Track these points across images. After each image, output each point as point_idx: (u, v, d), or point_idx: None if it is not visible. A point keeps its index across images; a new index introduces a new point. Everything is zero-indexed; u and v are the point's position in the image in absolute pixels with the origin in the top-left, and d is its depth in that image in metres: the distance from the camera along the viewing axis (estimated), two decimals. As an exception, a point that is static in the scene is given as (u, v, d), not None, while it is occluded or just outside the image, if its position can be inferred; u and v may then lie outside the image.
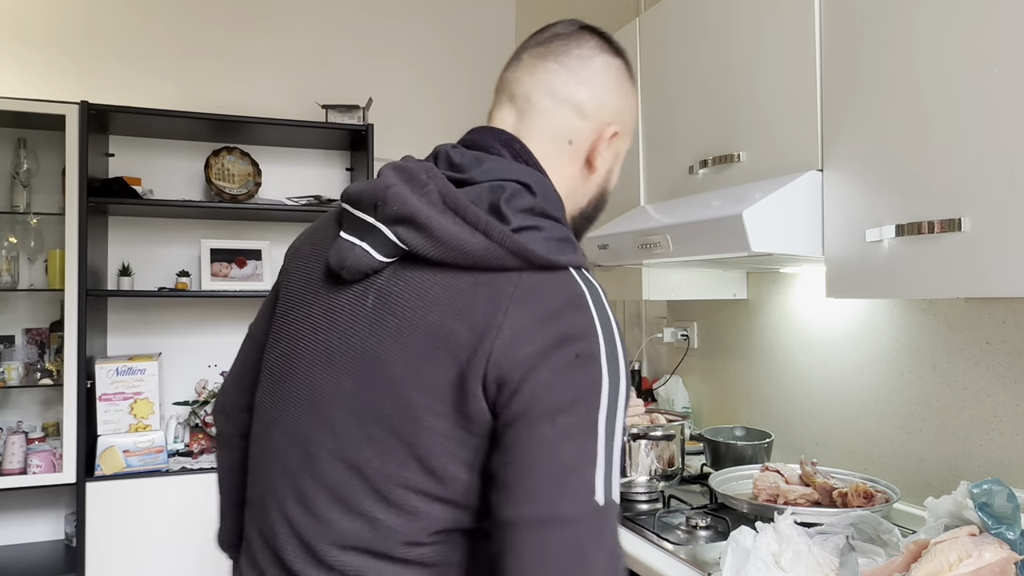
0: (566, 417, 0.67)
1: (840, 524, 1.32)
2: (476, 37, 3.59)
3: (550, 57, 0.85)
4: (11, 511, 2.71)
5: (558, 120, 0.85)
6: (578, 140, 0.86)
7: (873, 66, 1.25)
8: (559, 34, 0.86)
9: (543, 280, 0.72)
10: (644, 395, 2.41)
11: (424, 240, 0.73)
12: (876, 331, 1.69)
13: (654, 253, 1.58)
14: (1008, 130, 1.04)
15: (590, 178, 0.88)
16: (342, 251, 0.78)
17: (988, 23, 1.06)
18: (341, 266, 0.78)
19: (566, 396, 0.67)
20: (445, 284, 0.73)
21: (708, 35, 1.66)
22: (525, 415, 0.67)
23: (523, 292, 0.70)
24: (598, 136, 0.86)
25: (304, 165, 3.20)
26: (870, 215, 1.26)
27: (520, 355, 0.68)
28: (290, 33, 3.23)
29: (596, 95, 0.85)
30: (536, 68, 0.85)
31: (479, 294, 0.71)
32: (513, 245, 0.71)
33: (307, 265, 0.86)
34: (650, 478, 1.69)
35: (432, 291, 0.73)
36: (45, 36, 2.88)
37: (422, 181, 0.75)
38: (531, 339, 0.68)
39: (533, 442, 0.67)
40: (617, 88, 0.87)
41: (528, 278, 0.71)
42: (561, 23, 0.88)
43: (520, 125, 0.85)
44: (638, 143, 1.95)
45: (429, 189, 0.75)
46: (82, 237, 2.48)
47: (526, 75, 0.86)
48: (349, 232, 0.78)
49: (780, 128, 1.46)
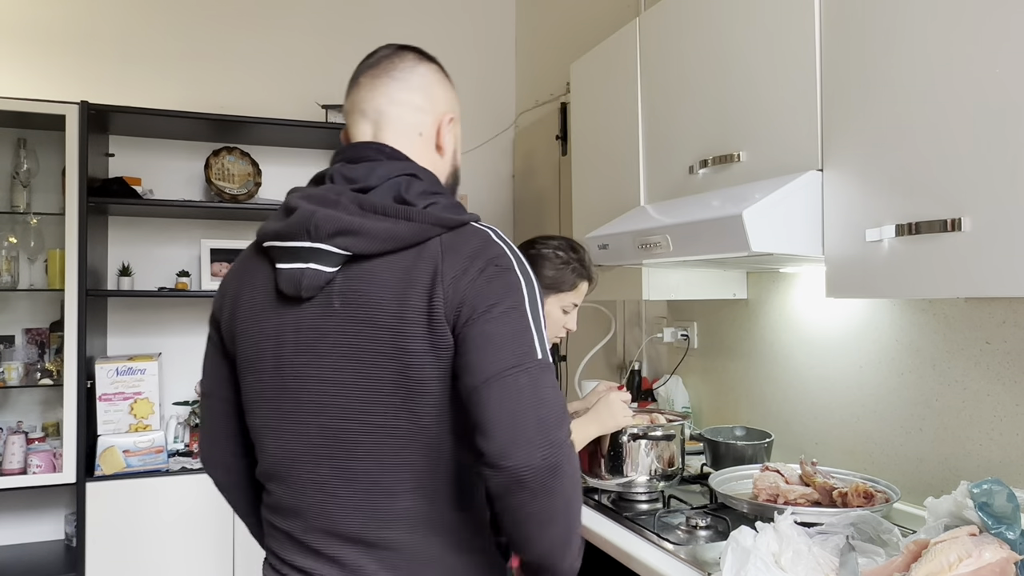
0: (500, 307, 0.91)
1: (840, 524, 1.32)
2: (476, 37, 3.59)
3: (383, 75, 1.06)
4: (11, 511, 2.71)
5: (405, 120, 1.05)
6: (426, 131, 1.07)
7: (873, 66, 1.25)
8: (384, 56, 1.08)
9: (458, 235, 0.95)
10: (644, 395, 2.41)
11: (363, 242, 0.93)
12: (876, 331, 1.69)
13: (654, 253, 1.58)
14: (1008, 130, 1.04)
15: (442, 159, 1.10)
16: (293, 277, 0.95)
17: (988, 23, 1.06)
18: (298, 290, 0.95)
19: (497, 296, 0.91)
20: (389, 266, 0.93)
21: (708, 35, 1.66)
22: (473, 317, 0.90)
23: (448, 247, 0.94)
24: (439, 124, 1.08)
25: (304, 165, 3.20)
26: (870, 215, 1.26)
27: (462, 285, 0.91)
28: (290, 33, 3.23)
29: (427, 94, 1.07)
30: (376, 86, 1.06)
31: (419, 263, 0.92)
32: (430, 218, 0.94)
33: (252, 302, 1.02)
34: (650, 478, 1.69)
35: (383, 275, 0.93)
36: (45, 36, 2.88)
37: (334, 200, 0.94)
38: (465, 272, 0.92)
39: (485, 329, 0.89)
40: (440, 85, 1.10)
41: (448, 237, 0.95)
42: (382, 49, 1.10)
43: (379, 133, 1.05)
44: (638, 143, 1.95)
45: (344, 204, 0.94)
46: (82, 237, 2.48)
47: (369, 93, 1.06)
48: (287, 262, 0.96)
49: (780, 128, 1.46)
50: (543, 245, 1.57)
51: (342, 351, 0.94)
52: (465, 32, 3.56)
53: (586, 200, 2.24)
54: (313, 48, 3.26)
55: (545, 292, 1.54)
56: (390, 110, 1.05)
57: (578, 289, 1.57)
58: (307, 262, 0.94)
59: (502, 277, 0.93)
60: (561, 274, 1.54)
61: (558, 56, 3.15)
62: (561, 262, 1.54)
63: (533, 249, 1.56)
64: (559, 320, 1.56)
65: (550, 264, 1.54)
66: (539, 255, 1.55)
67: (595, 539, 1.60)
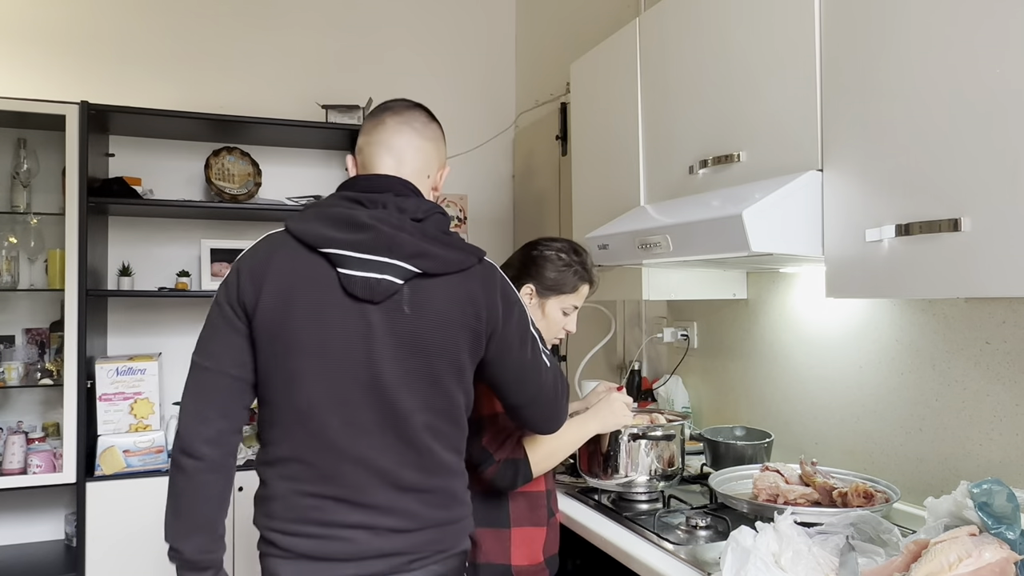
0: (527, 337, 1.30)
1: (840, 524, 1.32)
2: (476, 37, 3.59)
3: (406, 124, 1.30)
4: (11, 511, 2.71)
5: (420, 163, 1.30)
6: (432, 174, 1.34)
7: (873, 66, 1.25)
8: (406, 108, 1.32)
9: (485, 266, 1.27)
10: (644, 395, 2.41)
11: (432, 263, 1.20)
12: (876, 331, 1.69)
13: (654, 253, 1.58)
14: (1008, 130, 1.04)
15: (436, 198, 1.36)
16: (368, 284, 1.16)
17: (988, 23, 1.06)
18: (372, 295, 1.17)
19: (522, 328, 1.29)
20: (446, 284, 1.22)
21: (708, 35, 1.66)
22: (508, 345, 1.27)
23: (482, 276, 1.25)
24: (441, 170, 1.37)
25: (304, 165, 3.20)
26: (870, 215, 1.26)
27: (496, 315, 1.25)
28: (290, 33, 3.23)
29: (436, 146, 1.34)
30: (401, 131, 1.29)
31: (466, 283, 1.23)
32: (471, 250, 1.26)
33: (313, 298, 1.18)
34: (650, 478, 1.69)
35: (442, 291, 1.21)
36: (45, 36, 2.88)
37: (408, 228, 1.20)
38: (497, 304, 1.25)
39: (518, 356, 1.28)
40: (442, 141, 1.37)
41: (479, 267, 1.26)
42: (401, 101, 1.33)
43: (401, 168, 1.28)
44: (638, 143, 1.95)
45: (409, 230, 1.19)
46: (82, 237, 2.48)
47: (394, 136, 1.28)
48: (356, 269, 1.17)
49: (780, 128, 1.46)
50: (546, 247, 1.57)
51: (409, 346, 1.19)
52: (465, 32, 3.56)
53: (586, 200, 2.24)
54: (313, 48, 3.27)
55: (546, 293, 1.54)
56: (409, 152, 1.29)
57: (579, 291, 1.57)
58: (382, 273, 1.16)
59: (520, 311, 1.30)
60: (563, 276, 1.54)
61: (558, 56, 3.15)
62: (563, 264, 1.54)
63: (536, 251, 1.57)
64: (559, 321, 1.57)
65: (552, 266, 1.54)
66: (541, 256, 1.55)
67: (595, 539, 1.60)
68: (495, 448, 1.40)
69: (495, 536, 1.45)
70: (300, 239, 1.19)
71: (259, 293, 1.17)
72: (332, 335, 1.17)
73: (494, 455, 1.39)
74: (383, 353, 1.18)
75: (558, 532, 1.57)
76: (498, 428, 1.41)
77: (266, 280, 1.18)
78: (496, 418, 1.42)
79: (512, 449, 1.41)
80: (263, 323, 1.18)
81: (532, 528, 1.48)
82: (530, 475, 1.42)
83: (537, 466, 1.42)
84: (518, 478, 1.41)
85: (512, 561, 1.45)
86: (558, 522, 1.58)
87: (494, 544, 1.44)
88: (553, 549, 1.54)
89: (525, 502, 1.48)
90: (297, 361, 1.17)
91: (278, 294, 1.17)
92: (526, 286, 1.54)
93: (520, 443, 1.42)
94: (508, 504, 1.47)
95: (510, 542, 1.45)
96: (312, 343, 1.17)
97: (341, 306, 1.17)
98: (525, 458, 1.41)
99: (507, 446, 1.40)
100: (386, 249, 1.17)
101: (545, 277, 1.54)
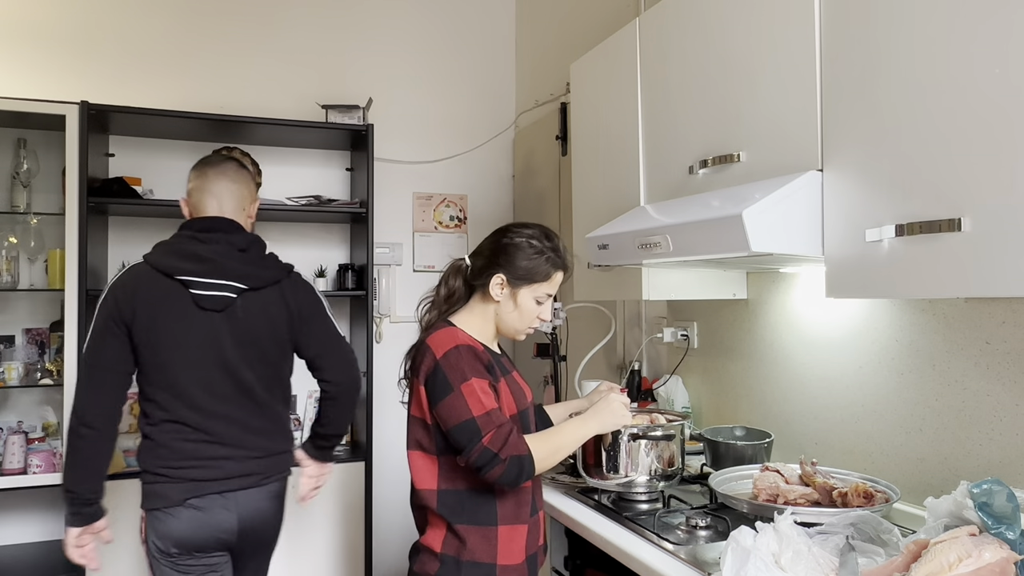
0: (324, 317, 1.92)
1: (840, 524, 1.32)
2: (476, 37, 3.59)
3: (223, 174, 1.85)
4: (11, 511, 2.71)
5: (236, 203, 1.86)
6: (247, 207, 1.90)
7: (873, 66, 1.25)
8: (223, 160, 1.91)
9: (292, 277, 1.90)
10: (644, 395, 2.41)
11: (255, 281, 1.80)
12: (876, 331, 1.69)
13: (654, 253, 1.58)
14: (1008, 130, 1.04)
15: (251, 224, 1.92)
16: (213, 299, 1.75)
17: (988, 23, 1.06)
18: (215, 306, 1.75)
19: (320, 313, 1.91)
20: (265, 293, 1.83)
21: (708, 35, 1.66)
22: (311, 326, 1.90)
23: (291, 284, 1.88)
24: (253, 204, 1.93)
25: (304, 165, 3.21)
26: (870, 215, 1.26)
27: (301, 308, 1.88)
28: (290, 33, 3.23)
29: (248, 187, 1.90)
30: (219, 179, 1.84)
31: (279, 291, 1.85)
32: (283, 267, 1.89)
33: (174, 310, 1.73)
34: (650, 478, 1.69)
35: (263, 298, 1.82)
36: (45, 36, 2.88)
37: (235, 257, 1.79)
38: (301, 301, 1.88)
39: (320, 328, 1.91)
40: (252, 182, 1.93)
41: (288, 279, 1.88)
42: (216, 156, 1.97)
43: (223, 208, 1.83)
44: (638, 143, 1.95)
45: (240, 259, 1.79)
46: (82, 237, 2.48)
47: (215, 184, 1.83)
48: (204, 290, 1.74)
49: (780, 128, 1.46)
50: (516, 234, 1.50)
51: (246, 337, 1.79)
52: (465, 32, 3.56)
53: (586, 200, 2.25)
54: (313, 48, 3.27)
55: (517, 283, 1.48)
56: (227, 196, 1.83)
57: (552, 279, 1.51)
58: (221, 291, 1.75)
59: (313, 294, 1.92)
60: (534, 264, 1.47)
61: (558, 56, 3.15)
62: (535, 252, 1.48)
63: (506, 238, 1.51)
64: (532, 311, 1.51)
65: (523, 255, 1.48)
66: (512, 244, 1.49)
67: (595, 539, 1.60)
68: (499, 447, 1.34)
69: (481, 534, 1.42)
70: (159, 270, 1.74)
71: (134, 310, 1.71)
72: (191, 335, 1.74)
73: (499, 453, 1.34)
74: (227, 344, 1.76)
75: (540, 529, 1.53)
76: (494, 425, 1.36)
77: (137, 300, 1.72)
78: (489, 416, 1.36)
79: (516, 446, 1.36)
80: (140, 330, 1.72)
81: (517, 526, 1.46)
82: (533, 471, 1.38)
83: (540, 463, 1.40)
84: (522, 475, 1.37)
85: (498, 560, 1.42)
86: (541, 519, 1.55)
87: (480, 542, 1.41)
88: (534, 547, 1.50)
89: (513, 499, 1.46)
90: (168, 354, 1.73)
91: (148, 308, 1.72)
92: (496, 276, 1.48)
93: (522, 439, 1.38)
94: (496, 502, 1.44)
95: (497, 540, 1.42)
96: (177, 341, 1.74)
97: (195, 315, 1.74)
98: (529, 454, 1.37)
99: (510, 443, 1.36)
100: (221, 274, 1.75)
101: (516, 267, 1.47)
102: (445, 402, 1.38)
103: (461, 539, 1.41)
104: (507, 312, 1.51)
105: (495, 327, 1.54)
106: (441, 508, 1.43)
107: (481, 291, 1.52)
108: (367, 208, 2.90)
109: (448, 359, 1.39)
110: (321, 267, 3.09)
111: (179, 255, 1.75)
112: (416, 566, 1.47)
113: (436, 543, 1.43)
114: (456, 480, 1.43)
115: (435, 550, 1.43)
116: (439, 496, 1.43)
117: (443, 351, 1.41)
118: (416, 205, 3.46)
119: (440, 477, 1.43)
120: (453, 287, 1.56)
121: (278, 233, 3.11)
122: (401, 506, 3.36)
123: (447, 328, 1.47)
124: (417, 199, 3.46)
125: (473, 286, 1.54)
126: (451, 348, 1.41)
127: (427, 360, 1.42)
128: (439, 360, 1.40)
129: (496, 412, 1.38)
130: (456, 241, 3.51)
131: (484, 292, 1.51)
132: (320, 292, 1.94)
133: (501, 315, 1.52)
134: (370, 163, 2.91)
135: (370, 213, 2.90)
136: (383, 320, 3.36)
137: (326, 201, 2.99)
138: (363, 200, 2.95)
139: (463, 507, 1.42)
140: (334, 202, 3.01)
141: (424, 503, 1.45)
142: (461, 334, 1.46)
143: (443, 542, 1.43)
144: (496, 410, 1.38)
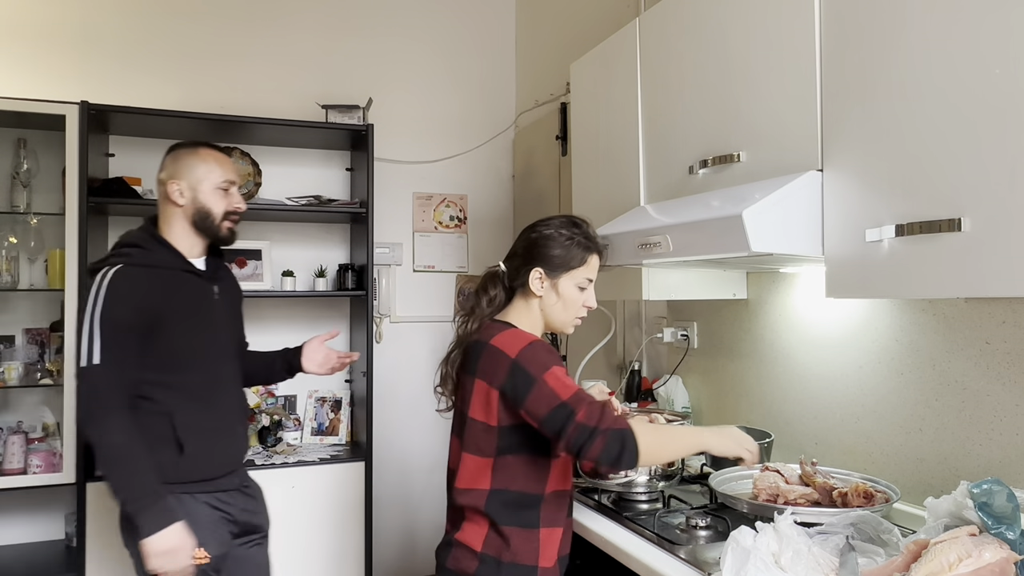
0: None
1: (840, 524, 1.32)
2: (476, 37, 3.59)
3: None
4: (11, 511, 2.71)
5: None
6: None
7: (873, 66, 1.25)
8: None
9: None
10: (644, 395, 2.41)
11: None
12: (876, 331, 1.69)
13: (654, 253, 1.58)
14: (1008, 130, 1.04)
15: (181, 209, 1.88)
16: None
17: (988, 23, 1.06)
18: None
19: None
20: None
21: (708, 35, 1.66)
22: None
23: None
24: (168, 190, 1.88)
25: (304, 165, 3.20)
26: (870, 215, 1.26)
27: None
28: (290, 33, 3.23)
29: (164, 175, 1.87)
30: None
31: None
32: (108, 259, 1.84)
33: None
34: (650, 478, 1.69)
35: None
36: (45, 36, 2.88)
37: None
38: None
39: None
40: (174, 162, 1.84)
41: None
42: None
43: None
44: (638, 143, 1.95)
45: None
46: (82, 237, 2.48)
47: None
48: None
49: (780, 128, 1.46)
50: (544, 226, 1.52)
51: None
52: (465, 32, 3.56)
53: (586, 200, 2.24)
54: (313, 48, 3.26)
55: (556, 273, 1.48)
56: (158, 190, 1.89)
57: (589, 263, 1.51)
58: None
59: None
60: (568, 251, 1.48)
61: (558, 56, 3.15)
62: (565, 239, 1.49)
63: (535, 232, 1.52)
64: (577, 299, 1.50)
65: (555, 243, 1.48)
66: (541, 236, 1.50)
67: (595, 539, 1.60)
68: (596, 420, 1.26)
69: (525, 536, 1.40)
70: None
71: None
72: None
73: (598, 426, 1.26)
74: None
75: (571, 534, 1.53)
76: (585, 401, 1.30)
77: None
78: (578, 395, 1.30)
79: (614, 420, 1.28)
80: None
81: (555, 528, 1.45)
82: (637, 454, 1.27)
83: (645, 448, 1.28)
84: (624, 453, 1.26)
85: (540, 563, 1.41)
86: (571, 523, 1.55)
87: (523, 544, 1.40)
88: (565, 549, 1.50)
89: (555, 502, 1.45)
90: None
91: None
92: (534, 272, 1.47)
93: (621, 417, 1.32)
94: (541, 504, 1.42)
95: (539, 543, 1.41)
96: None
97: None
98: (632, 432, 1.27)
99: (606, 416, 1.27)
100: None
101: (551, 257, 1.48)
102: (532, 395, 1.33)
103: (505, 539, 1.40)
104: (551, 304, 1.50)
105: (543, 325, 1.53)
106: (489, 508, 1.41)
107: (522, 291, 1.51)
108: (367, 208, 2.90)
109: (525, 355, 1.37)
110: (321, 267, 3.08)
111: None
112: (449, 562, 1.44)
113: (476, 542, 1.41)
114: (509, 481, 1.41)
115: (475, 548, 1.41)
116: (490, 496, 1.41)
117: (517, 349, 1.38)
118: (416, 205, 3.46)
119: (494, 477, 1.41)
120: (493, 295, 1.54)
121: (278, 233, 3.11)
122: (401, 506, 3.36)
123: (510, 329, 1.45)
124: (417, 199, 3.46)
125: (513, 289, 1.53)
126: (525, 345, 1.39)
127: (501, 362, 1.38)
128: (515, 359, 1.37)
129: (584, 391, 1.34)
130: (456, 241, 3.51)
131: (525, 291, 1.50)
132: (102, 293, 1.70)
133: (547, 310, 1.51)
134: (370, 163, 2.91)
135: (370, 213, 2.90)
136: (383, 320, 3.36)
137: (326, 201, 2.99)
138: (363, 200, 2.95)
139: (512, 509, 1.41)
140: (334, 202, 3.01)
141: (470, 503, 1.43)
142: (526, 332, 1.45)
143: (484, 541, 1.41)
144: (583, 390, 1.34)
